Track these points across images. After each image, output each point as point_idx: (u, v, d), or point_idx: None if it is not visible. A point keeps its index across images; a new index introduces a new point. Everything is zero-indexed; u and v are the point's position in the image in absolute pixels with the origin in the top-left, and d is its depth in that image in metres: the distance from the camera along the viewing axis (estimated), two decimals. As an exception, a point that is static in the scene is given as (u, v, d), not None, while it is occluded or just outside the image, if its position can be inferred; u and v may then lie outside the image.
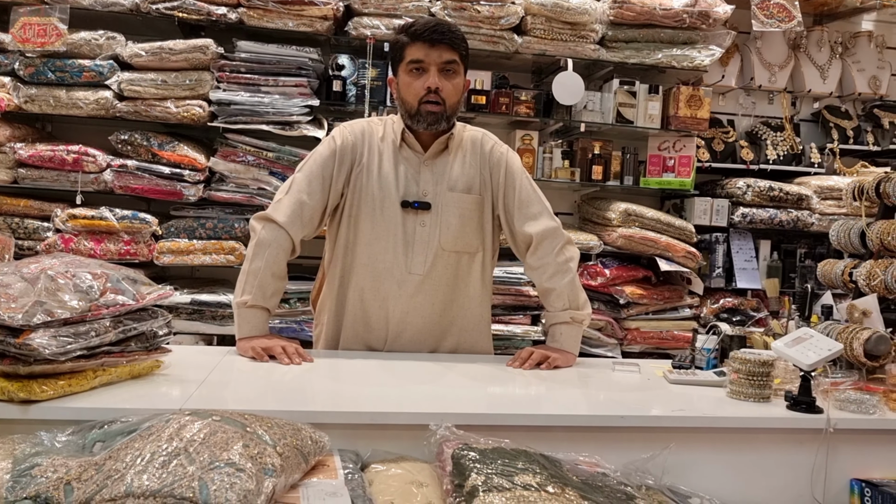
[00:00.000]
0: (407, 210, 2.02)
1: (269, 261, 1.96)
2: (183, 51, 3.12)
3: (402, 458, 1.33)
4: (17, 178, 3.14)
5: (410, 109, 1.99)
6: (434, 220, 2.03)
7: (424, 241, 2.03)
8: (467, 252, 2.08)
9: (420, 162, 2.05)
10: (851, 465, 1.60)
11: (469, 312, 2.11)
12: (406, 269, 2.02)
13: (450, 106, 1.99)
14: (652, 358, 3.24)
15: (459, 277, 2.08)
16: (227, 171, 3.23)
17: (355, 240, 2.05)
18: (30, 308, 1.30)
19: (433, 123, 1.99)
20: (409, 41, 1.96)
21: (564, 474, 1.25)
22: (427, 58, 1.95)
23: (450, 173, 2.06)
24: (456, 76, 2.00)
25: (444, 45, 1.95)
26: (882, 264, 2.10)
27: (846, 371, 1.92)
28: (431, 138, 2.05)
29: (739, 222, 3.66)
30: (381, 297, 2.04)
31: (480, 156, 2.09)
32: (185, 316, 3.18)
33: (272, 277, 1.97)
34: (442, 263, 2.04)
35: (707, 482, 1.48)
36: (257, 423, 1.14)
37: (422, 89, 1.96)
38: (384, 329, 2.06)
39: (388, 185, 2.03)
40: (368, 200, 2.03)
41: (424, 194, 2.04)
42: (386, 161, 2.05)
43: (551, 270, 2.05)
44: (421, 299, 2.04)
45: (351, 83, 3.42)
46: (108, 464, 1.04)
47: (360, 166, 2.05)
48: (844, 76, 4.02)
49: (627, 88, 3.53)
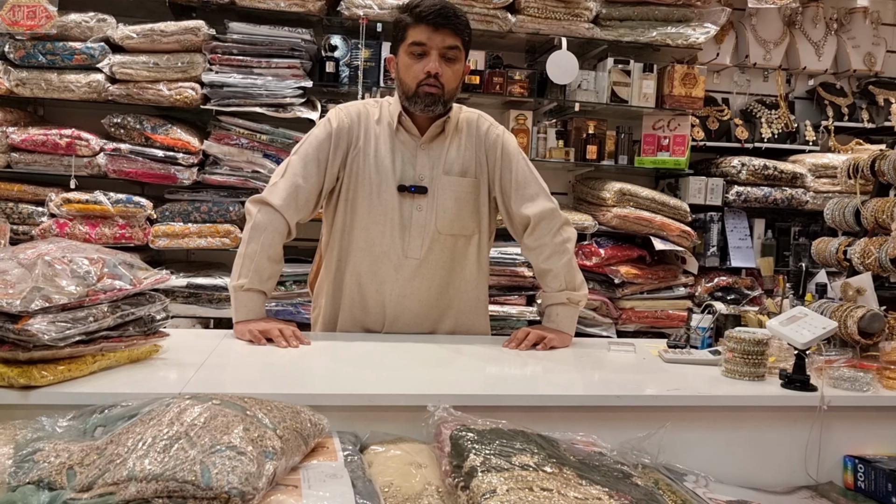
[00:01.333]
0: (403, 194, 2.01)
1: (264, 244, 1.96)
2: (174, 33, 3.10)
3: (400, 440, 1.34)
4: (10, 162, 3.12)
5: (408, 91, 1.96)
6: (430, 203, 2.02)
7: (421, 225, 2.02)
8: (464, 235, 2.07)
9: (416, 146, 2.04)
10: (845, 441, 1.62)
11: (466, 295, 2.11)
12: (403, 254, 2.02)
13: (448, 91, 1.96)
14: (647, 337, 3.27)
15: (456, 260, 2.08)
16: (221, 154, 3.22)
17: (352, 223, 2.05)
18: (28, 294, 1.30)
19: (430, 106, 1.96)
20: (412, 22, 1.92)
21: (561, 454, 1.26)
22: (429, 41, 1.91)
23: (446, 157, 2.04)
24: (457, 62, 1.96)
25: (447, 30, 1.91)
26: (876, 242, 2.11)
27: (840, 349, 1.94)
28: (428, 122, 2.03)
29: (734, 201, 3.67)
30: (378, 281, 2.04)
31: (476, 138, 2.07)
32: (182, 299, 3.18)
33: (268, 261, 1.97)
34: (438, 247, 2.04)
35: (702, 460, 1.50)
36: (257, 406, 1.15)
37: (421, 73, 1.92)
38: (381, 312, 2.07)
39: (384, 168, 2.01)
40: (365, 184, 2.02)
41: (421, 178, 2.03)
42: (382, 144, 2.03)
43: (548, 251, 2.06)
44: (418, 283, 2.04)
45: (344, 64, 3.40)
46: (109, 448, 1.04)
47: (356, 149, 2.03)
48: (839, 53, 4.01)
49: (622, 67, 3.52)
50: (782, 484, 1.57)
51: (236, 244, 3.20)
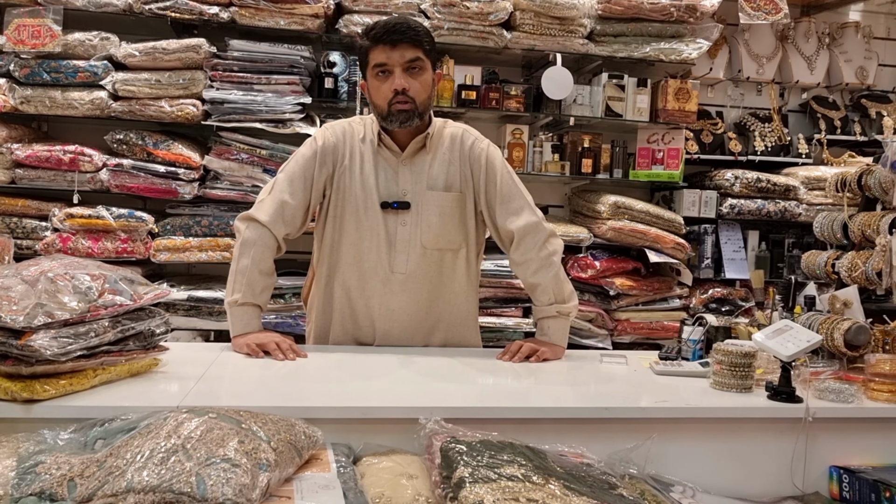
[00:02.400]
0: (387, 210, 2.04)
1: (255, 258, 1.99)
2: (176, 50, 3.15)
3: (392, 451, 1.37)
4: (14, 178, 3.17)
5: (382, 112, 1.99)
6: (414, 219, 2.05)
7: (406, 241, 2.05)
8: (450, 249, 2.09)
9: (398, 162, 2.06)
10: (830, 452, 1.65)
11: (455, 308, 2.13)
12: (389, 269, 2.05)
13: (420, 103, 1.98)
14: (642, 348, 3.30)
15: (444, 274, 2.10)
16: (222, 169, 3.26)
17: (340, 239, 2.08)
18: (31, 310, 1.34)
19: (405, 122, 1.98)
20: (371, 45, 1.96)
21: (549, 465, 1.29)
22: (390, 60, 1.94)
23: (429, 172, 2.06)
24: (422, 72, 1.98)
25: (405, 44, 1.94)
26: (863, 255, 2.15)
27: (828, 361, 1.97)
28: (409, 137, 2.05)
29: (728, 213, 3.71)
30: (366, 296, 2.07)
31: (461, 153, 2.09)
32: (183, 312, 3.22)
33: (260, 274, 2.00)
34: (425, 261, 2.06)
35: (690, 471, 1.52)
36: (252, 419, 1.19)
37: (389, 91, 1.95)
38: (371, 326, 2.09)
39: (369, 186, 2.04)
40: (352, 201, 2.05)
41: (404, 194, 2.05)
42: (367, 162, 2.06)
43: (535, 266, 2.07)
44: (406, 297, 2.06)
45: (343, 80, 3.45)
46: (109, 461, 1.08)
47: (342, 167, 2.06)
48: (832, 67, 4.06)
49: (616, 82, 3.57)
50: (769, 494, 1.60)
51: (236, 258, 3.24)
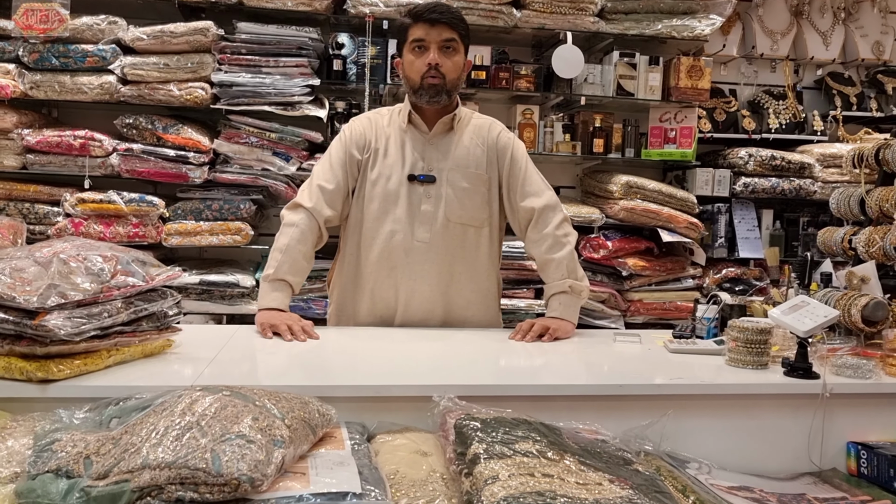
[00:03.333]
0: (413, 183, 2.12)
1: (293, 237, 2.08)
2: (184, 33, 3.14)
3: (406, 429, 1.37)
4: (25, 163, 3.18)
5: (414, 85, 2.10)
6: (438, 192, 2.13)
7: (430, 213, 2.12)
8: (473, 225, 2.16)
9: (426, 140, 2.15)
10: (848, 428, 1.63)
11: (476, 285, 2.19)
12: (412, 237, 2.12)
13: (450, 81, 2.09)
14: (655, 329, 3.28)
15: (466, 249, 2.16)
16: (232, 153, 3.26)
17: (363, 216, 2.15)
18: (44, 291, 1.34)
19: (434, 96, 2.08)
20: (411, 22, 2.09)
21: (564, 441, 1.28)
22: (427, 36, 2.06)
23: (455, 151, 2.15)
24: (456, 54, 2.10)
25: (443, 25, 2.06)
26: (881, 231, 2.12)
27: (845, 337, 1.95)
28: (437, 116, 2.14)
29: (741, 192, 3.68)
30: (388, 267, 2.13)
31: (488, 140, 2.19)
32: (195, 296, 3.23)
33: (296, 253, 2.08)
34: (448, 234, 2.13)
35: (706, 448, 1.52)
36: (266, 397, 1.18)
37: (423, 66, 2.06)
38: (394, 299, 2.14)
39: (394, 163, 2.14)
40: (376, 179, 2.14)
41: (430, 169, 2.14)
42: (392, 142, 2.16)
43: (550, 242, 2.13)
44: (428, 268, 2.12)
45: (351, 62, 3.44)
46: (124, 438, 1.08)
47: (369, 151, 2.16)
48: (847, 42, 4.00)
49: (627, 60, 3.53)
50: (785, 471, 1.59)
51: (247, 241, 3.25)
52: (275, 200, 3.47)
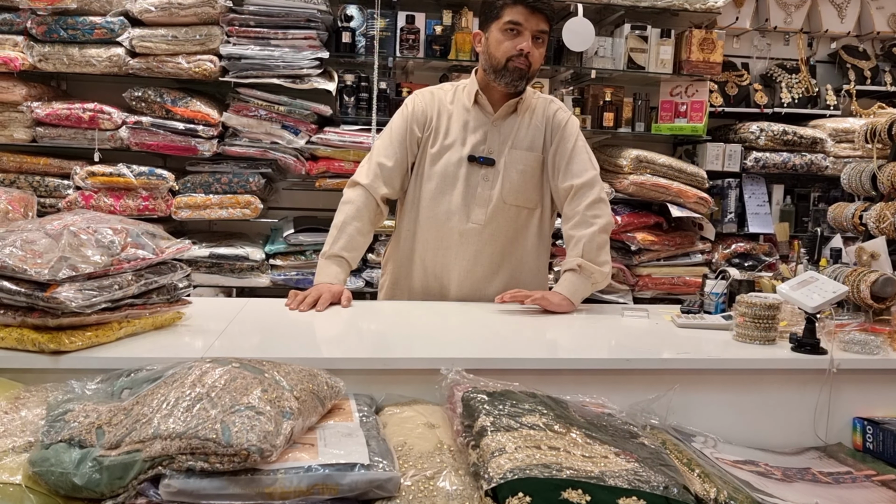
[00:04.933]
0: (472, 164, 2.15)
1: (348, 214, 2.13)
2: (192, 5, 3.11)
3: (414, 402, 1.38)
4: (35, 136, 3.19)
5: (497, 65, 2.09)
6: (496, 175, 2.15)
7: (486, 195, 2.15)
8: (527, 207, 2.20)
9: (489, 122, 2.17)
10: (854, 404, 1.64)
11: (526, 266, 2.22)
12: (467, 219, 2.14)
13: (533, 70, 2.11)
14: (664, 304, 3.28)
15: (518, 230, 2.20)
16: (240, 126, 3.25)
17: (420, 195, 2.18)
18: (55, 263, 1.35)
19: (516, 81, 2.10)
20: (510, 3, 2.06)
21: (570, 415, 1.30)
22: (525, 22, 2.05)
23: (516, 133, 2.17)
24: (543, 46, 2.11)
25: (541, 15, 2.06)
26: (892, 207, 2.10)
27: (853, 313, 1.94)
28: (503, 99, 2.16)
29: (752, 167, 3.65)
30: (444, 247, 2.16)
31: (545, 118, 2.20)
32: (205, 269, 3.25)
33: (350, 229, 2.12)
34: (502, 216, 2.16)
35: (712, 422, 1.53)
36: (275, 369, 1.20)
37: (513, 49, 2.05)
38: (447, 277, 2.17)
39: (455, 142, 2.16)
40: (435, 158, 2.16)
41: (490, 152, 2.16)
42: (455, 122, 2.18)
43: (577, 219, 2.12)
44: (481, 248, 2.16)
45: (360, 34, 3.41)
46: (135, 409, 1.10)
47: (429, 128, 2.19)
48: (863, 14, 3.93)
49: (639, 33, 3.49)
50: (791, 445, 1.60)
51: (257, 214, 3.26)
52: (284, 174, 3.48)
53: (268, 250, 3.32)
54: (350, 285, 3.21)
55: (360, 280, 3.34)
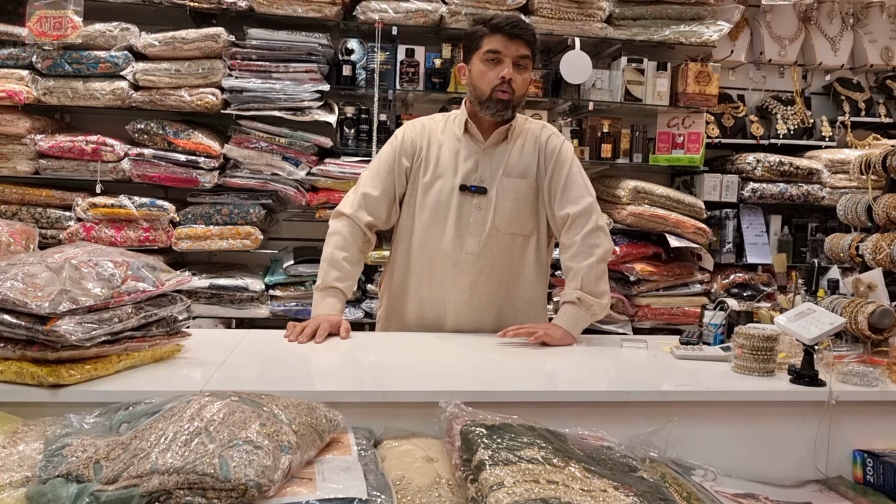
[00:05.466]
0: (464, 193, 2.14)
1: (336, 245, 2.13)
2: (195, 40, 3.17)
3: (413, 435, 1.38)
4: (38, 168, 3.21)
5: (481, 96, 2.09)
6: (489, 203, 2.14)
7: (479, 223, 2.14)
8: (521, 234, 2.17)
9: (480, 150, 2.16)
10: (854, 436, 1.63)
11: (525, 293, 2.20)
12: (461, 249, 2.13)
13: (517, 97, 2.10)
14: (663, 334, 3.28)
15: (514, 259, 2.17)
16: (241, 158, 3.28)
17: (412, 225, 2.18)
18: (56, 296, 1.36)
19: (501, 110, 2.09)
20: (488, 32, 2.07)
21: (569, 448, 1.29)
22: (505, 50, 2.05)
23: (507, 161, 2.16)
24: (526, 71, 2.11)
25: (521, 41, 2.06)
26: (888, 238, 2.11)
27: (852, 345, 1.95)
28: (493, 127, 2.16)
29: (749, 197, 3.67)
30: (438, 278, 2.15)
31: (537, 144, 2.18)
32: (205, 300, 3.25)
33: (339, 260, 2.11)
34: (496, 244, 2.14)
35: (711, 455, 1.52)
36: (273, 402, 1.20)
37: (496, 78, 2.06)
38: (443, 310, 2.15)
39: (446, 172, 2.15)
40: (427, 188, 2.16)
41: (482, 180, 2.15)
42: (445, 151, 2.17)
43: (574, 250, 2.11)
44: (476, 278, 2.14)
45: (360, 67, 3.46)
46: (133, 443, 1.10)
47: (419, 159, 2.18)
48: (856, 48, 3.99)
49: (635, 66, 3.54)
50: (791, 478, 1.58)
51: (257, 245, 3.28)
52: (284, 205, 3.50)
53: (267, 281, 3.32)
54: (349, 316, 3.22)
55: (359, 311, 3.35)
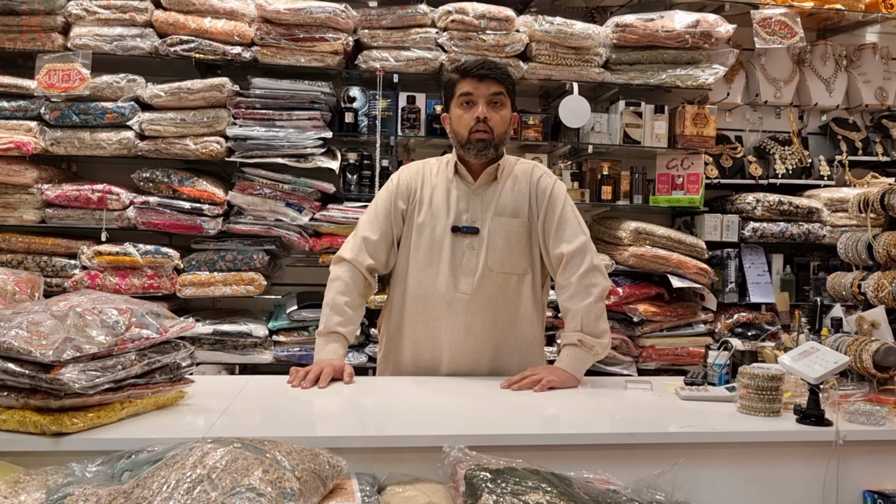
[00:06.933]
0: (457, 234, 2.16)
1: (338, 291, 2.15)
2: (200, 90, 3.23)
3: (417, 480, 1.37)
4: (44, 217, 3.24)
5: (461, 139, 2.14)
6: (480, 243, 2.15)
7: (472, 263, 2.15)
8: (515, 273, 2.18)
9: (470, 191, 2.19)
10: (863, 476, 1.62)
11: (521, 333, 2.19)
12: (455, 289, 2.14)
13: (497, 135, 2.13)
14: (668, 374, 3.26)
15: (509, 298, 2.17)
16: (245, 204, 3.31)
17: (407, 267, 2.19)
18: (60, 344, 1.37)
19: (482, 150, 2.13)
20: (459, 77, 2.14)
21: (574, 492, 1.28)
22: (476, 91, 2.11)
23: (498, 200, 2.18)
24: (503, 108, 2.14)
25: (491, 80, 2.11)
26: (889, 276, 2.12)
27: (857, 383, 1.93)
28: (482, 168, 2.18)
29: (750, 237, 3.68)
30: (433, 319, 2.15)
31: (529, 184, 2.21)
32: (208, 346, 3.25)
33: (341, 305, 2.13)
34: (490, 284, 2.15)
35: (719, 497, 1.51)
36: (276, 449, 1.19)
37: (472, 120, 2.11)
38: (438, 350, 2.15)
39: (439, 213, 2.18)
40: (420, 229, 2.18)
41: (474, 220, 2.17)
42: (438, 192, 2.20)
43: (572, 290, 2.11)
44: (471, 318, 2.14)
45: (363, 114, 3.51)
46: (136, 492, 1.09)
47: (414, 201, 2.21)
48: (851, 88, 4.04)
49: (633, 109, 3.59)
50: (801, 520, 1.57)
51: (260, 291, 3.28)
52: (287, 250, 3.52)
53: (271, 326, 3.32)
54: (352, 360, 3.21)
55: (362, 355, 3.34)
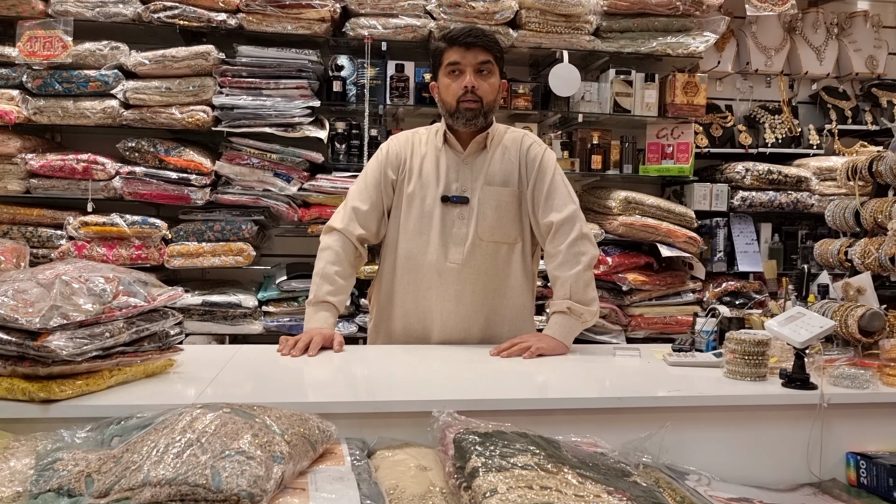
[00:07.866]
0: (447, 204, 2.15)
1: (328, 260, 2.14)
2: (185, 58, 3.18)
3: (406, 444, 1.38)
4: (29, 188, 3.21)
5: (450, 108, 2.12)
6: (471, 212, 2.15)
7: (462, 233, 2.15)
8: (505, 242, 2.17)
9: (460, 161, 2.17)
10: (847, 438, 1.64)
11: (511, 301, 2.20)
12: (445, 259, 2.14)
13: (486, 103, 2.11)
14: (656, 343, 3.29)
15: (499, 267, 2.18)
16: (233, 174, 3.29)
17: (397, 237, 2.19)
18: (46, 312, 1.36)
19: (471, 119, 2.11)
20: (446, 46, 2.11)
21: (562, 454, 1.29)
22: (463, 60, 2.08)
23: (488, 169, 2.16)
24: (491, 76, 2.12)
25: (478, 48, 2.08)
26: (876, 242, 2.13)
27: (842, 348, 1.96)
28: (471, 137, 2.16)
29: (739, 206, 3.70)
30: (424, 288, 2.15)
31: (519, 153, 2.19)
32: (197, 317, 3.25)
33: (331, 275, 2.12)
34: (480, 253, 2.14)
35: (705, 460, 1.52)
36: (266, 413, 1.20)
37: (459, 89, 2.08)
38: (429, 320, 2.16)
39: (429, 182, 2.16)
40: (410, 198, 2.17)
41: (464, 190, 2.16)
42: (427, 162, 2.19)
43: (560, 259, 2.11)
44: (461, 287, 2.14)
45: (351, 83, 3.48)
46: (125, 456, 1.09)
47: (403, 171, 2.20)
48: (841, 57, 4.03)
49: (624, 78, 3.57)
50: (785, 482, 1.59)
51: (249, 262, 3.27)
52: (276, 221, 3.50)
53: (261, 297, 3.32)
54: (342, 330, 3.22)
55: (352, 325, 3.34)
